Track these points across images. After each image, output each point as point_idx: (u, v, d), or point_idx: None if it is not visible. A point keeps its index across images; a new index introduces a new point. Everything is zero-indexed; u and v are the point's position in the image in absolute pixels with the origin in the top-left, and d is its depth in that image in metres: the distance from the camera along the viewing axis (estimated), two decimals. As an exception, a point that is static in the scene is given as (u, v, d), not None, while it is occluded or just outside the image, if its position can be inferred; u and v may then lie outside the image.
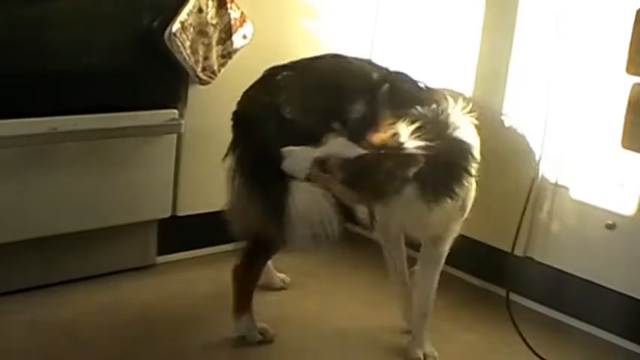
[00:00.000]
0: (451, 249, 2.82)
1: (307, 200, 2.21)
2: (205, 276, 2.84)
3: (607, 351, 2.65)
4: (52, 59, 2.41)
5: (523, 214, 2.73)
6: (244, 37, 2.70)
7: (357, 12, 3.07)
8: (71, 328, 2.44)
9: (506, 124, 2.79)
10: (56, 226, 2.52)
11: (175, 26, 2.52)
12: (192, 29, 2.56)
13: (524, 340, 2.55)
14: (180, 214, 2.75)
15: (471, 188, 2.32)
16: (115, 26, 2.49)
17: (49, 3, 2.37)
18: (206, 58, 2.62)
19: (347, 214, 2.25)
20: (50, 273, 2.59)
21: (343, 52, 2.64)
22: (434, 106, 2.27)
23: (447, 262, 2.99)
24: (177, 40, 2.53)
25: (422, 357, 2.48)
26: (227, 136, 2.71)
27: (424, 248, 2.49)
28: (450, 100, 2.31)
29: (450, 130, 2.23)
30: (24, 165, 2.41)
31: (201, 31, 2.59)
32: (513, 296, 2.74)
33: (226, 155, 2.38)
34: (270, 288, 2.78)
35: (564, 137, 2.69)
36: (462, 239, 2.89)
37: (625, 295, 2.60)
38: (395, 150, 2.11)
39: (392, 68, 2.46)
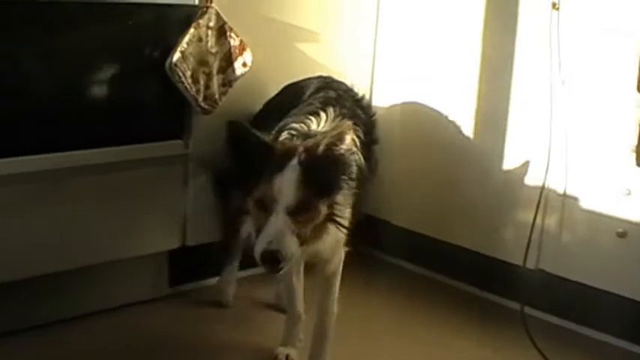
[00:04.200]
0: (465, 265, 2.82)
1: None
2: (219, 305, 2.82)
3: (624, 359, 2.64)
4: (57, 94, 2.42)
5: (533, 226, 2.73)
6: (244, 64, 2.70)
7: (356, 36, 3.08)
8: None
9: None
10: (66, 262, 2.51)
11: (176, 56, 2.53)
12: (192, 59, 2.57)
13: (540, 352, 2.53)
14: (190, 244, 2.75)
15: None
16: (116, 60, 2.50)
17: (53, 40, 2.38)
18: (207, 87, 2.63)
19: None
20: (62, 309, 2.59)
21: (343, 77, 2.68)
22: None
23: (458, 278, 3.05)
24: (178, 70, 2.54)
25: None
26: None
27: (320, 275, 2.41)
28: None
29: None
30: (32, 201, 2.41)
31: (202, 61, 2.60)
32: (527, 309, 2.73)
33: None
34: (281, 309, 2.76)
35: (570, 147, 2.69)
36: (473, 255, 2.93)
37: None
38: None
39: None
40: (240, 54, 2.68)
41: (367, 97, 2.64)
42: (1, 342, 2.45)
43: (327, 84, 2.54)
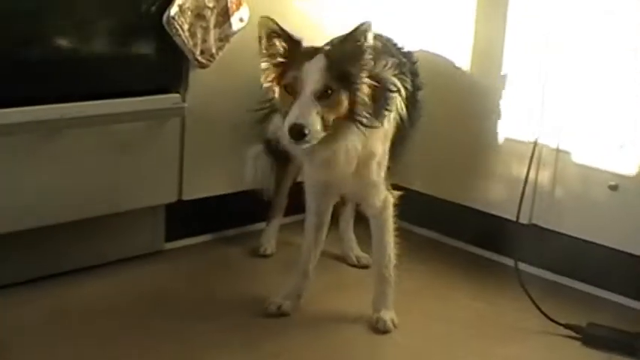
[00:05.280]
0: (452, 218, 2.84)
1: None
2: (214, 260, 2.85)
3: (616, 312, 2.67)
4: (55, 46, 2.42)
5: (526, 181, 2.75)
6: (241, 20, 2.71)
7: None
8: (82, 316, 2.44)
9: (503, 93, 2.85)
10: (62, 214, 2.51)
11: (174, 10, 2.53)
12: (190, 12, 2.58)
13: (534, 303, 2.57)
14: (187, 198, 2.76)
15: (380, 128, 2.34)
16: (115, 12, 2.50)
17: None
18: (204, 41, 2.64)
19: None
20: (57, 262, 2.59)
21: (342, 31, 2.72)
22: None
23: (451, 234, 3.08)
24: (175, 23, 2.55)
25: (390, 322, 2.49)
26: (228, 118, 2.76)
27: (371, 216, 2.52)
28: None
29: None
30: (30, 152, 2.41)
31: (199, 15, 2.61)
32: (520, 264, 2.73)
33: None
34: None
35: (563, 102, 2.71)
36: (466, 211, 2.95)
37: (632, 254, 2.62)
38: None
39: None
40: (237, 9, 2.69)
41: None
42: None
43: None
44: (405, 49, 2.67)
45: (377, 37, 2.58)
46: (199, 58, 2.64)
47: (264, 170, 2.79)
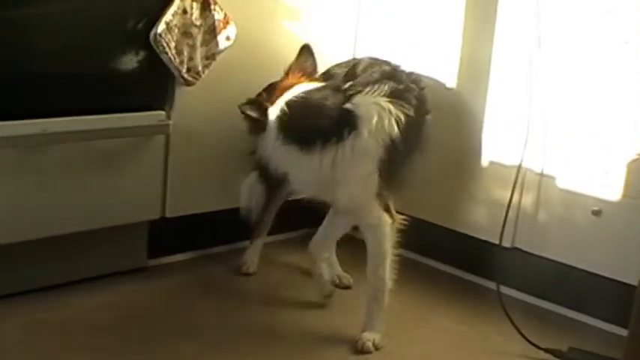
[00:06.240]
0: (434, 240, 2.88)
1: None
2: (197, 278, 2.85)
3: (598, 337, 2.67)
4: (40, 62, 2.42)
5: (509, 204, 2.76)
6: (228, 38, 2.71)
7: (339, 12, 3.09)
8: (64, 331, 2.42)
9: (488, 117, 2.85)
10: (43, 229, 2.50)
11: (160, 27, 2.54)
12: (176, 30, 2.58)
13: (516, 327, 2.57)
14: (170, 215, 2.75)
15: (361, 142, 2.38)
16: (101, 28, 2.50)
17: (36, 7, 2.38)
18: (191, 59, 2.64)
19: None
20: (38, 277, 2.58)
21: (328, 51, 2.77)
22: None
23: (434, 256, 3.08)
24: (162, 40, 2.55)
25: (371, 345, 2.49)
26: (214, 136, 2.76)
27: (365, 236, 2.54)
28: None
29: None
30: (12, 167, 2.40)
31: (186, 33, 2.61)
32: (502, 287, 2.74)
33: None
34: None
35: (548, 127, 2.72)
36: (448, 233, 2.96)
37: (614, 280, 2.61)
38: None
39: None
40: (224, 27, 2.69)
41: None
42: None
43: (376, 61, 2.65)
44: (414, 75, 2.65)
45: (385, 63, 2.65)
46: (185, 75, 2.63)
47: (259, 198, 2.82)
